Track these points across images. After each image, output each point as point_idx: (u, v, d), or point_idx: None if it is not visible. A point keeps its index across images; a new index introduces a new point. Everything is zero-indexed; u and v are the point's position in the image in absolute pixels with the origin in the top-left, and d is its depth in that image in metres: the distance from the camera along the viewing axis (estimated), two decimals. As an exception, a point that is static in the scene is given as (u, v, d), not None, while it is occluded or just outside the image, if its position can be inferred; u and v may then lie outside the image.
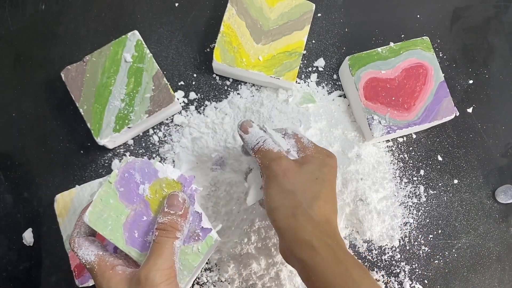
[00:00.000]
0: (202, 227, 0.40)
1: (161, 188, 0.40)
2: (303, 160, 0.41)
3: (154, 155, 0.55)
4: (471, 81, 0.61)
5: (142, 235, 0.39)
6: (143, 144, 0.55)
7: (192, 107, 0.56)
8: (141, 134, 0.55)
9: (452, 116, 0.54)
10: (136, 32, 0.52)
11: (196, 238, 0.40)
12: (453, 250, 0.56)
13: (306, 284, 0.39)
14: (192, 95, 0.56)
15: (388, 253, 0.55)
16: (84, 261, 0.38)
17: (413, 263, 0.55)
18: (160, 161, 0.55)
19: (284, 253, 0.41)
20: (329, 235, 0.38)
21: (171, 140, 0.55)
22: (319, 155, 0.42)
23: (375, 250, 0.55)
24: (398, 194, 0.56)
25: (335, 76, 0.59)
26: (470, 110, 0.60)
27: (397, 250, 0.55)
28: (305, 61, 0.59)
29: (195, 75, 0.57)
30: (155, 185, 0.40)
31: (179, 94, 0.56)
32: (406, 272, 0.55)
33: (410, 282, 0.55)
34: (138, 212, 0.39)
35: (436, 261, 0.56)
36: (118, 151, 0.55)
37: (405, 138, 0.58)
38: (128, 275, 0.37)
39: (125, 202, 0.39)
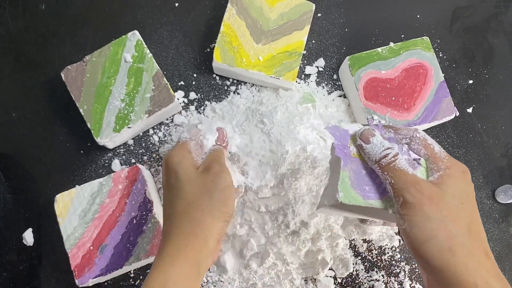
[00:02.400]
0: None
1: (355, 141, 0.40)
2: (442, 181, 0.36)
3: (154, 155, 0.55)
4: (471, 81, 0.61)
5: (372, 185, 0.38)
6: (143, 144, 0.55)
7: (192, 107, 0.56)
8: (141, 134, 0.55)
9: (452, 116, 0.54)
10: (136, 32, 0.52)
11: None
12: (453, 250, 0.56)
13: None
14: (192, 95, 0.56)
15: (388, 253, 0.55)
16: (181, 134, 0.46)
17: (413, 263, 0.55)
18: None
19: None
20: (493, 274, 0.34)
21: (171, 140, 0.55)
22: (455, 172, 0.37)
23: (375, 250, 0.55)
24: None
25: (335, 76, 0.59)
26: (470, 110, 0.60)
27: (397, 250, 0.55)
28: (305, 61, 0.59)
29: (195, 75, 0.57)
30: (353, 140, 0.40)
31: (179, 94, 0.56)
32: (406, 272, 0.55)
33: (410, 282, 0.55)
34: (355, 170, 0.39)
35: (436, 261, 0.56)
36: (118, 151, 0.55)
37: (405, 138, 0.58)
38: (197, 162, 0.44)
39: (343, 167, 0.39)
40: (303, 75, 0.58)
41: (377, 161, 0.37)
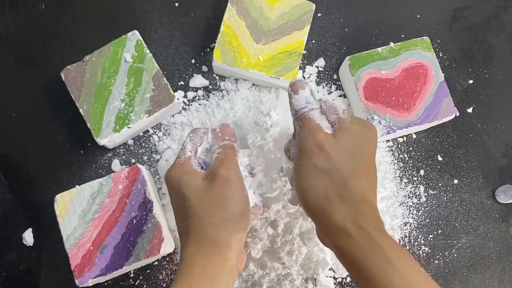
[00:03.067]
0: None
1: None
2: (340, 134, 0.38)
3: (154, 155, 0.55)
4: (471, 81, 0.61)
5: None
6: (143, 144, 0.55)
7: (192, 107, 0.56)
8: (141, 134, 0.55)
9: (452, 116, 0.54)
10: (136, 32, 0.52)
11: None
12: (453, 250, 0.56)
13: (347, 269, 0.37)
14: (192, 95, 0.56)
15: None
16: (181, 147, 0.42)
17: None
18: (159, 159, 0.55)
19: (320, 237, 0.39)
20: (365, 218, 0.35)
21: (171, 140, 0.55)
22: (356, 126, 0.38)
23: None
24: (398, 194, 0.56)
25: (335, 76, 0.59)
26: (470, 110, 0.60)
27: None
28: (305, 61, 0.59)
29: (195, 75, 0.57)
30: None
31: (179, 94, 0.56)
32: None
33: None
34: None
35: (436, 261, 0.56)
36: (118, 151, 0.55)
37: (405, 138, 0.58)
38: (201, 173, 0.40)
39: None
40: (303, 75, 0.58)
41: (296, 111, 0.39)
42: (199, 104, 0.56)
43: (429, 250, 0.56)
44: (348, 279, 0.54)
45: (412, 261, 0.34)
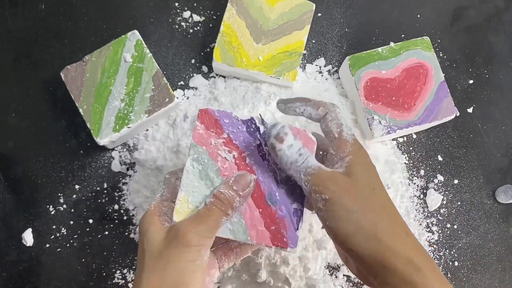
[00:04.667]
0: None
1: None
2: (351, 170, 0.36)
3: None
4: (471, 81, 0.61)
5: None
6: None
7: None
8: (141, 134, 0.55)
9: (452, 116, 0.54)
10: (136, 32, 0.52)
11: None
12: (453, 250, 0.56)
13: None
14: (192, 94, 0.56)
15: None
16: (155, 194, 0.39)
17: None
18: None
19: (364, 276, 0.36)
20: (415, 250, 0.34)
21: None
22: (360, 158, 0.37)
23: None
24: (398, 194, 0.56)
25: (335, 76, 0.59)
26: (470, 110, 0.60)
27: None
28: (305, 61, 0.59)
29: (195, 75, 0.57)
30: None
31: (179, 93, 0.56)
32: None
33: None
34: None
35: (436, 261, 0.56)
36: (118, 151, 0.55)
37: (405, 138, 0.58)
38: (167, 227, 0.37)
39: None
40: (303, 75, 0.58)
41: (291, 163, 0.35)
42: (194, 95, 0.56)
43: (429, 250, 0.56)
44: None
45: None
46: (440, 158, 0.58)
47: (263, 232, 0.38)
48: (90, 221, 0.53)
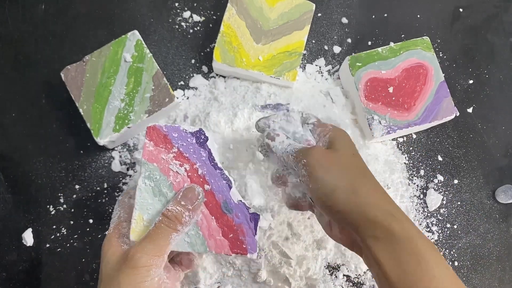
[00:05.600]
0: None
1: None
2: (333, 142, 0.41)
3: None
4: (471, 81, 0.61)
5: None
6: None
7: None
8: (141, 134, 0.55)
9: (452, 116, 0.54)
10: (136, 32, 0.52)
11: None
12: (453, 250, 0.56)
13: (373, 271, 0.36)
14: (192, 94, 0.56)
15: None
16: (112, 216, 0.41)
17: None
18: None
19: (348, 239, 0.40)
20: (390, 205, 0.37)
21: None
22: (339, 133, 0.42)
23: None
24: (398, 194, 0.56)
25: (335, 76, 0.59)
26: (470, 110, 0.60)
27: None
28: (305, 61, 0.59)
29: (195, 75, 0.57)
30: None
31: (179, 93, 0.56)
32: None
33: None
34: None
35: (436, 261, 0.56)
36: (118, 151, 0.55)
37: (405, 138, 0.58)
38: (124, 249, 0.38)
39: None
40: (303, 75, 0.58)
41: (282, 154, 0.40)
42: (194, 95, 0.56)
43: (429, 250, 0.56)
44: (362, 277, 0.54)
45: (444, 263, 0.34)
46: (440, 158, 0.58)
47: (221, 241, 0.39)
48: (90, 221, 0.53)
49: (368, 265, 0.37)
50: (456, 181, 0.58)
